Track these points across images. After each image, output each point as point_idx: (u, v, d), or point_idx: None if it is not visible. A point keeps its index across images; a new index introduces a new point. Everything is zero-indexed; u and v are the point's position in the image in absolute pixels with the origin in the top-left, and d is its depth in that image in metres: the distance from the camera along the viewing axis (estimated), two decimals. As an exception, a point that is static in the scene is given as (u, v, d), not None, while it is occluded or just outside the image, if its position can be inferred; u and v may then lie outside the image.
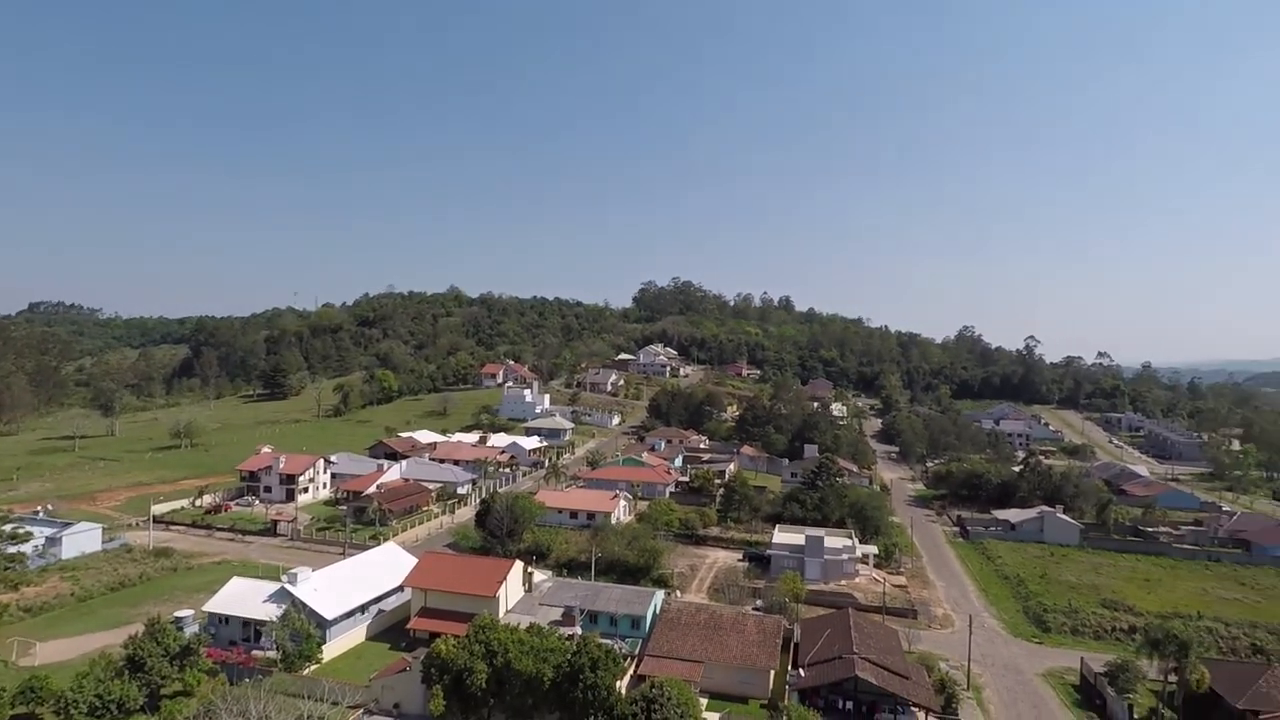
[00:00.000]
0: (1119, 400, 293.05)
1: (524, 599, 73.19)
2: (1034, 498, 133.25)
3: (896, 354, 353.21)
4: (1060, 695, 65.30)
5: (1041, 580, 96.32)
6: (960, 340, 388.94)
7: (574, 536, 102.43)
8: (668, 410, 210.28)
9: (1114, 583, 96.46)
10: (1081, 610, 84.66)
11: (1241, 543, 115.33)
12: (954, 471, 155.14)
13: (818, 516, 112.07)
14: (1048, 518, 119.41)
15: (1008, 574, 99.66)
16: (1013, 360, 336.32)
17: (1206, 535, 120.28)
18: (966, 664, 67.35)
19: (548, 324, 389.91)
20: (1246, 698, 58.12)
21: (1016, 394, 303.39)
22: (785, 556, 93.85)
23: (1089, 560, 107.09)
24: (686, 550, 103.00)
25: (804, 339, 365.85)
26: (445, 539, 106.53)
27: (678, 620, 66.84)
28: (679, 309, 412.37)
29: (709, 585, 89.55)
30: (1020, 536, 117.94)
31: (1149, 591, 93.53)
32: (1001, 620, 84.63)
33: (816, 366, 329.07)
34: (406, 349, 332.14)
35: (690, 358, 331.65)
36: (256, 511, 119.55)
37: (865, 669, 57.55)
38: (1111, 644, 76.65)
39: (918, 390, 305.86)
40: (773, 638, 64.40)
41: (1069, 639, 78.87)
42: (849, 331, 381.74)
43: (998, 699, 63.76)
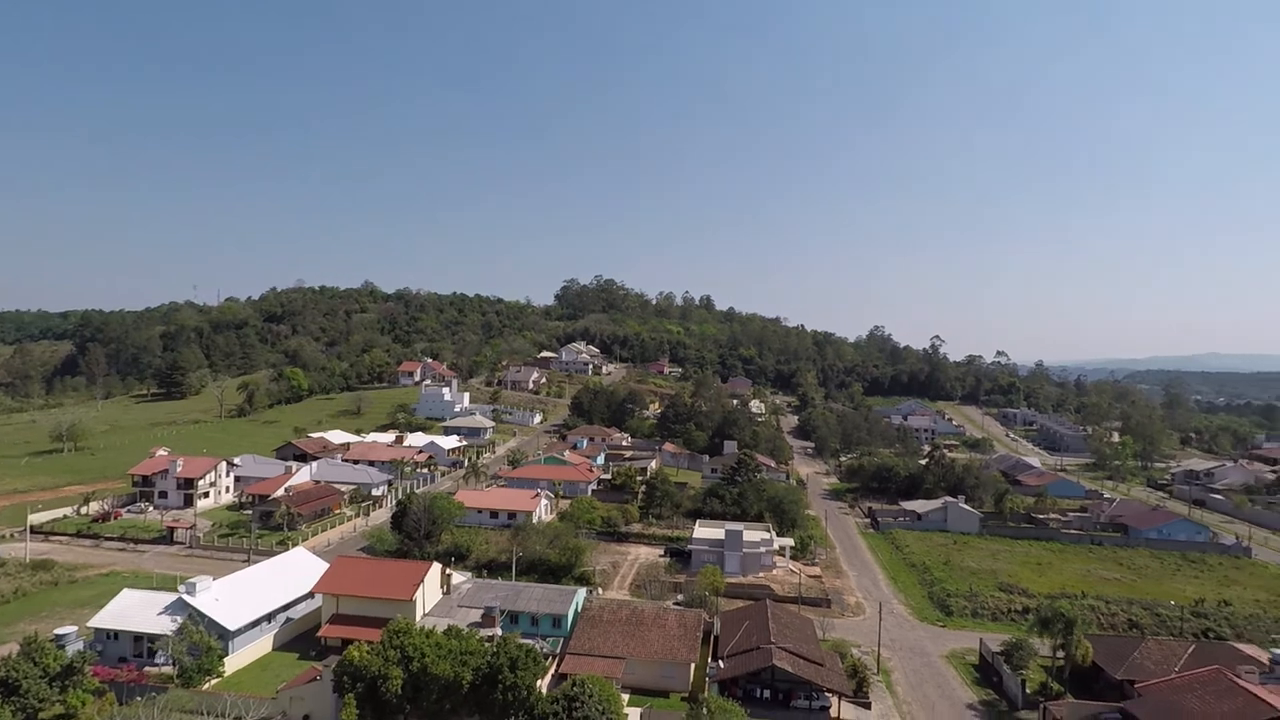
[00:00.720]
0: (1015, 397, 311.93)
1: (442, 601, 71.49)
2: (939, 489, 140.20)
3: (812, 353, 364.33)
4: (961, 674, 68.99)
5: (945, 567, 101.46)
6: (871, 340, 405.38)
7: (494, 536, 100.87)
8: (590, 408, 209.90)
9: (1010, 567, 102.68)
10: (981, 594, 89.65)
11: (1120, 527, 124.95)
12: (865, 465, 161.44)
13: (737, 511, 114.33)
14: (951, 508, 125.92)
15: (914, 562, 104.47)
16: (920, 359, 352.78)
17: (1090, 521, 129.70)
18: (876, 649, 70.23)
19: (468, 321, 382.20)
20: (1124, 668, 63.03)
21: (923, 391, 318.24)
22: (706, 551, 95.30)
23: (988, 547, 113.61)
24: (609, 548, 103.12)
25: (724, 338, 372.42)
26: (359, 542, 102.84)
27: (599, 617, 66.82)
28: (601, 307, 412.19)
29: (631, 582, 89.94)
30: (926, 526, 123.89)
31: (1040, 574, 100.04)
32: (909, 606, 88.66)
33: (736, 365, 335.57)
34: (318, 346, 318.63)
35: (613, 356, 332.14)
36: (150, 519, 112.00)
37: (782, 658, 59.11)
38: (1008, 624, 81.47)
39: (832, 387, 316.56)
40: (693, 631, 65.27)
41: (970, 621, 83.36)
42: (767, 331, 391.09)
43: (905, 681, 66.75)
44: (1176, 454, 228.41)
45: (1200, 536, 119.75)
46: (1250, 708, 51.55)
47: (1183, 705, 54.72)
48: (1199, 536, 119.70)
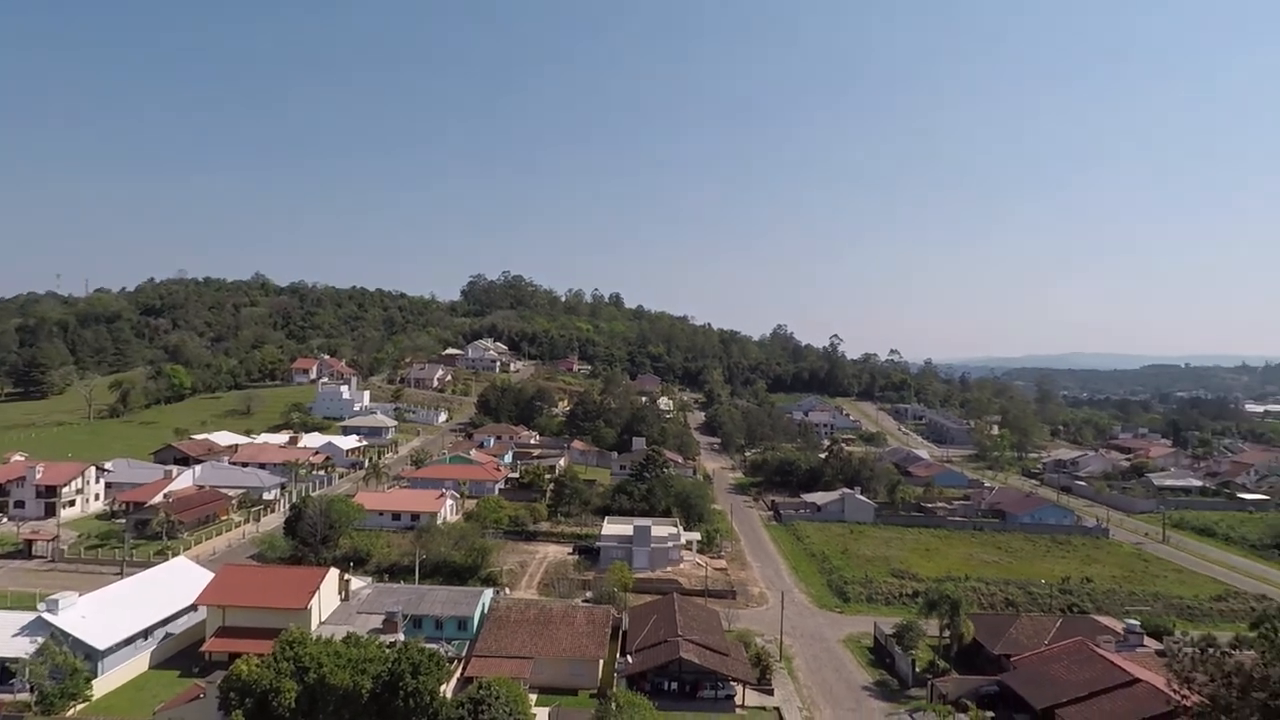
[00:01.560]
0: (906, 393, 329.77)
1: (340, 608, 68.49)
2: (837, 481, 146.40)
3: (719, 350, 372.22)
4: (857, 657, 72.36)
5: (843, 556, 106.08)
6: (775, 338, 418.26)
7: (397, 539, 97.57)
8: (497, 406, 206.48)
9: (901, 554, 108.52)
10: (875, 580, 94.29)
11: (998, 513, 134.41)
12: (769, 460, 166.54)
13: (645, 507, 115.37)
14: (848, 499, 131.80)
15: (814, 552, 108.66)
16: (820, 357, 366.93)
17: (972, 508, 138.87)
18: (779, 637, 72.59)
19: (368, 316, 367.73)
20: (1001, 643, 67.85)
21: (823, 388, 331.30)
22: (614, 547, 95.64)
23: (882, 535, 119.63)
24: (517, 547, 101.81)
25: (633, 335, 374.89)
26: (250, 550, 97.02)
27: (507, 618, 65.86)
28: (510, 304, 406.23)
29: (539, 580, 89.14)
30: (825, 517, 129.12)
31: (929, 559, 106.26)
32: (809, 594, 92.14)
33: (645, 362, 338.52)
34: (202, 342, 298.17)
35: (521, 353, 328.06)
36: (4, 530, 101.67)
37: (689, 650, 60.14)
38: (899, 608, 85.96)
39: (737, 384, 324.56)
40: (602, 628, 65.39)
41: (865, 606, 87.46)
42: (675, 329, 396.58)
43: (805, 666, 69.36)
44: (1047, 445, 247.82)
45: (1067, 520, 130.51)
46: (1107, 673, 56.73)
47: (1051, 674, 59.51)
48: (1066, 520, 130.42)
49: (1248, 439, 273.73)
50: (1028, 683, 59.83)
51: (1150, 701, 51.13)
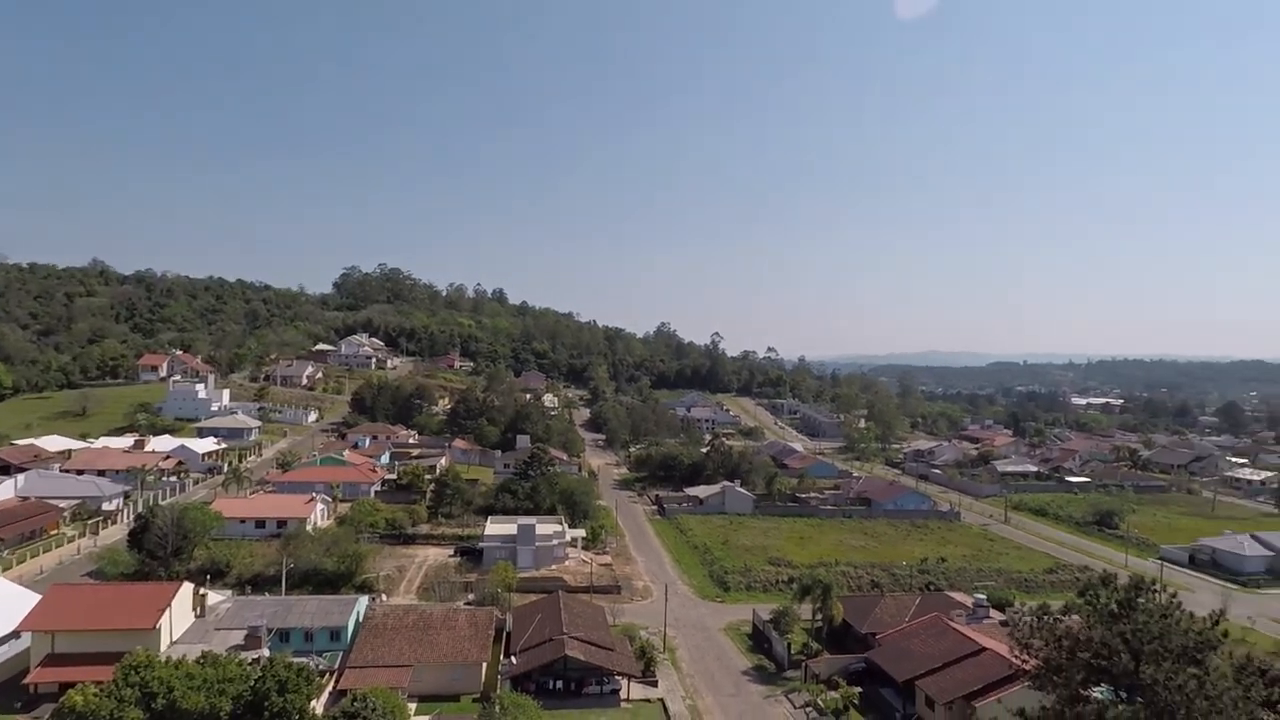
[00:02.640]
0: (782, 389, 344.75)
1: (195, 626, 63.03)
2: (718, 475, 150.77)
3: (604, 347, 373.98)
4: (737, 644, 74.85)
5: (724, 546, 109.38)
6: (659, 335, 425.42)
7: (261, 548, 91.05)
8: (373, 405, 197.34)
9: (778, 543, 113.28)
10: (754, 569, 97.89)
11: (865, 501, 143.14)
12: (653, 455, 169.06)
13: (530, 505, 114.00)
14: (728, 491, 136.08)
15: (697, 544, 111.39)
16: (702, 354, 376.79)
17: (842, 497, 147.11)
18: (663, 629, 73.83)
19: (228, 309, 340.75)
20: (868, 623, 72.30)
21: (705, 384, 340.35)
22: (498, 547, 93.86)
23: (760, 525, 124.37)
24: (395, 551, 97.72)
25: (517, 332, 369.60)
26: (86, 566, 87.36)
27: (383, 626, 63.03)
28: (386, 297, 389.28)
29: (419, 585, 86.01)
30: (707, 509, 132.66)
31: (803, 547, 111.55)
32: (692, 586, 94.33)
33: (529, 359, 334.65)
34: (27, 335, 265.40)
35: (399, 349, 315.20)
36: None
37: (574, 648, 59.96)
38: (777, 594, 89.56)
39: (622, 381, 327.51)
40: (485, 630, 63.96)
41: (745, 595, 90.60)
42: (560, 325, 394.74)
43: (688, 656, 70.96)
44: (908, 436, 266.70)
45: (925, 505, 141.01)
46: (959, 645, 61.72)
47: (911, 648, 64.04)
48: (924, 505, 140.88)
49: (1074, 428, 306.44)
50: (891, 658, 64.11)
51: (995, 667, 56.09)
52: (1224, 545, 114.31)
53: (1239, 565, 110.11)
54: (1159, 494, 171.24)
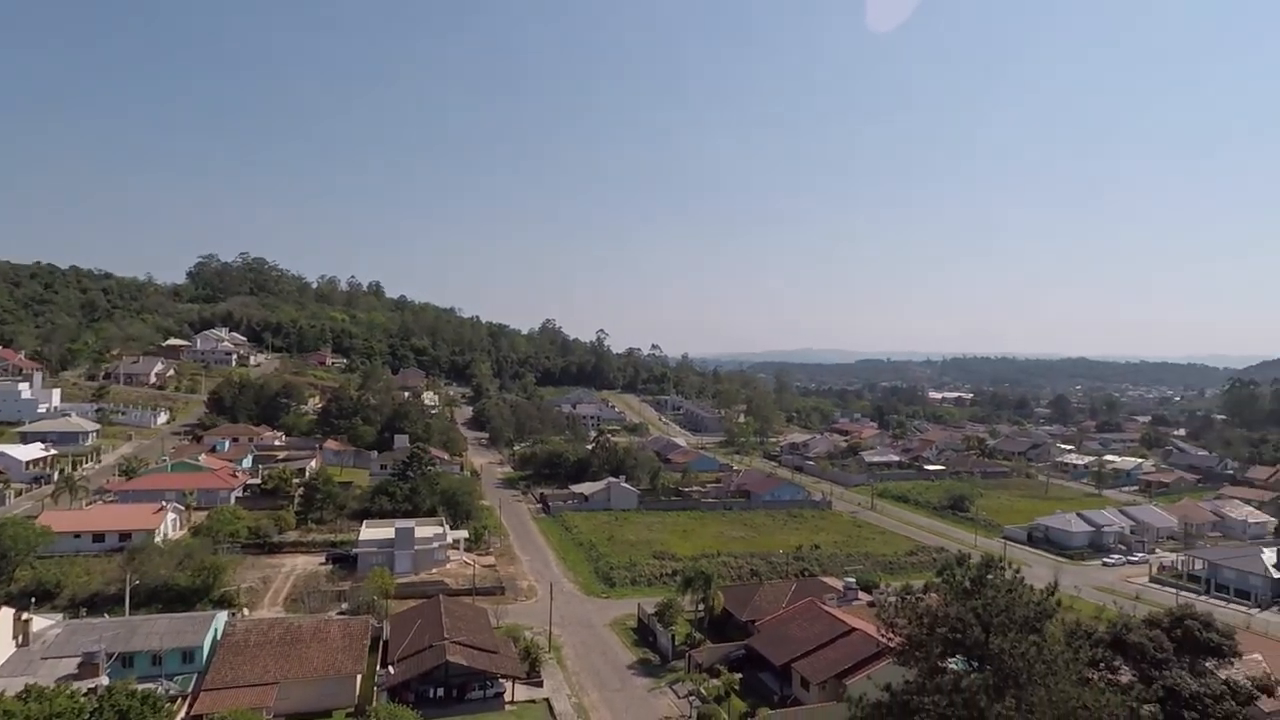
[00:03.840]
0: (666, 385, 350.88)
1: (16, 656, 55.91)
2: (603, 471, 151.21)
3: (487, 344, 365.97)
4: (623, 639, 75.34)
5: (609, 542, 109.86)
6: (544, 332, 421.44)
7: (100, 564, 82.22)
8: (234, 404, 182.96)
9: (663, 536, 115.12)
10: (639, 563, 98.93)
11: (745, 493, 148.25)
12: (538, 453, 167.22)
13: (409, 508, 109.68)
14: (613, 487, 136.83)
15: (582, 541, 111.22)
16: (587, 351, 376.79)
17: (723, 490, 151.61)
18: (548, 628, 73.14)
19: (59, 299, 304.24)
20: (748, 611, 74.85)
21: (590, 381, 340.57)
22: (374, 552, 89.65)
23: (644, 520, 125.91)
24: (258, 561, 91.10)
25: (395, 327, 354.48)
26: (-127, 595, 75.43)
27: (245, 642, 58.54)
28: (249, 289, 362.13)
29: (286, 596, 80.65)
30: (592, 506, 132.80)
31: (686, 540, 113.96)
32: (577, 583, 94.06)
33: (408, 355, 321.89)
34: None
35: (263, 345, 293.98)
36: None
37: (455, 653, 58.17)
38: (661, 588, 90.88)
39: (506, 378, 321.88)
40: (359, 640, 60.83)
41: (630, 589, 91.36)
42: (441, 321, 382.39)
43: (574, 653, 70.67)
44: (784, 430, 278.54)
45: (799, 496, 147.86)
46: (831, 627, 65.09)
47: (787, 633, 66.87)
48: (798, 496, 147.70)
49: (931, 421, 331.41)
50: (769, 643, 66.67)
51: (864, 646, 59.57)
52: (1055, 523, 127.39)
53: (1067, 541, 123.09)
54: (1003, 479, 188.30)
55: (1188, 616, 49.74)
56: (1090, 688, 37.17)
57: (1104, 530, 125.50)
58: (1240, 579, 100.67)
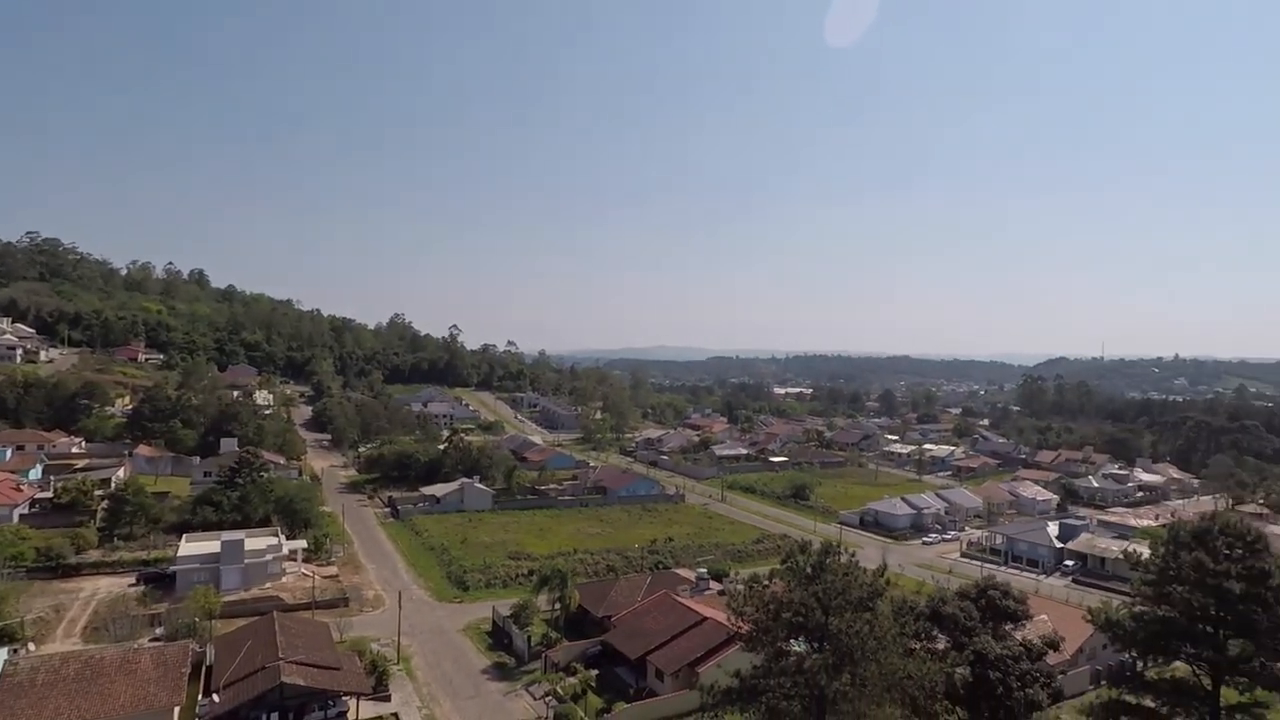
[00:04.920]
0: (522, 382, 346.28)
1: None
2: (456, 472, 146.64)
3: (329, 339, 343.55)
4: (477, 643, 73.33)
5: (462, 545, 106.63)
6: (392, 327, 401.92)
7: None
8: (19, 406, 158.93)
9: (518, 536, 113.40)
10: (494, 565, 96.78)
11: (601, 489, 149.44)
12: (386, 454, 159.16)
13: (238, 518, 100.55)
14: (467, 488, 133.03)
15: (434, 545, 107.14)
16: (439, 347, 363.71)
17: (580, 487, 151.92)
18: (397, 638, 69.71)
19: None
20: (604, 606, 75.36)
21: (442, 378, 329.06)
22: (196, 569, 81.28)
23: (500, 520, 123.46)
24: (50, 587, 79.74)
25: (223, 320, 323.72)
26: None
27: (30, 683, 50.86)
28: (39, 274, 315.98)
29: (85, 625, 71.11)
30: (445, 508, 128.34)
31: (543, 539, 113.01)
32: (429, 589, 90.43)
33: (238, 351, 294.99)
34: None
35: (58, 338, 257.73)
36: None
37: (292, 673, 53.88)
38: (517, 589, 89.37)
39: (351, 376, 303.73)
40: (177, 669, 54.73)
41: (485, 592, 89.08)
42: (277, 314, 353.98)
43: (425, 663, 67.83)
44: (639, 426, 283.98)
45: (654, 490, 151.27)
46: (684, 617, 67.05)
47: (642, 626, 68.07)
48: (653, 490, 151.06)
49: (775, 415, 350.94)
50: (625, 637, 67.54)
51: (715, 634, 61.88)
52: (883, 508, 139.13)
53: (893, 523, 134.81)
54: (839, 468, 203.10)
55: (991, 587, 55.87)
56: (914, 658, 40.78)
57: (923, 512, 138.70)
58: (1031, 550, 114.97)
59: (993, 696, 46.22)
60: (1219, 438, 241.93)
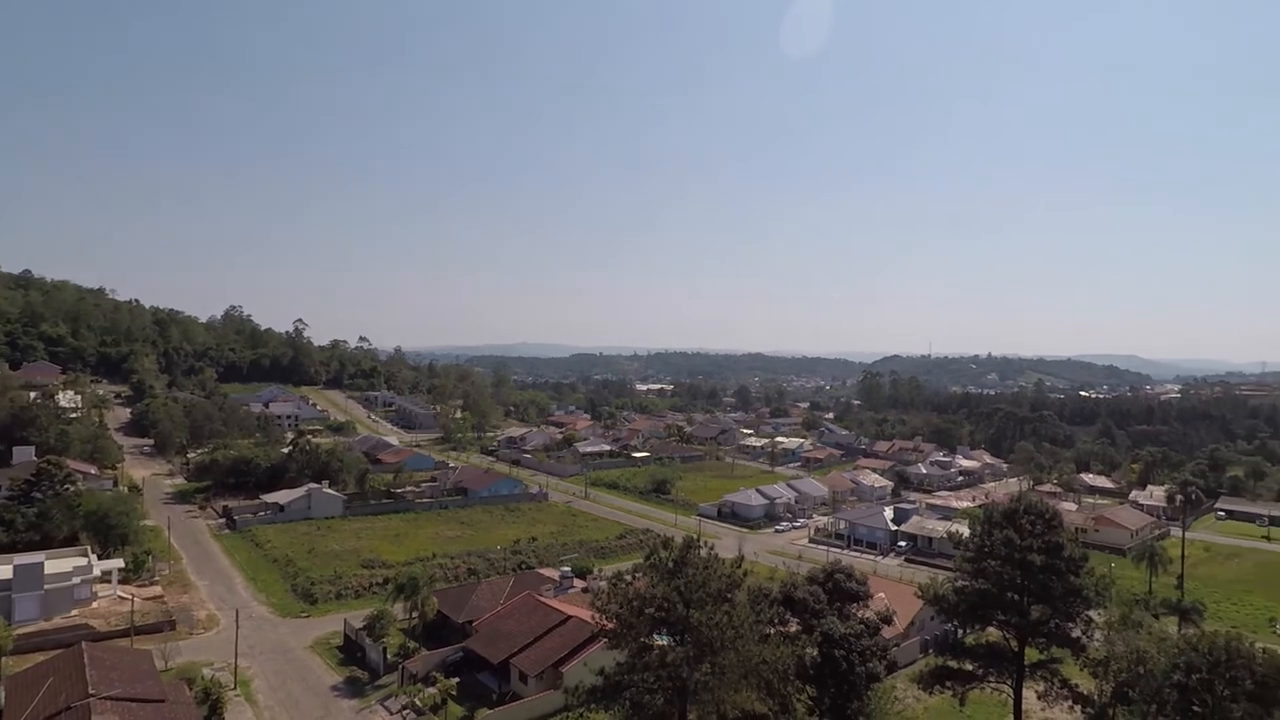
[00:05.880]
0: (376, 380, 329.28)
1: None
2: (303, 477, 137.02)
3: (152, 333, 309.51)
4: (327, 660, 68.94)
5: (310, 555, 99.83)
6: (228, 320, 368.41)
7: None
8: None
9: (372, 543, 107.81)
10: (345, 575, 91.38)
11: (462, 490, 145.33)
12: (220, 460, 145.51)
13: (36, 538, 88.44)
14: (314, 494, 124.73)
15: (277, 557, 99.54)
16: (283, 342, 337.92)
17: (439, 489, 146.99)
18: (234, 661, 64.12)
19: None
20: (465, 611, 73.40)
21: (286, 376, 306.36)
22: (-19, 599, 70.48)
23: (352, 527, 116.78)
24: None
25: (16, 310, 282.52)
26: None
27: None
28: None
29: None
30: (290, 516, 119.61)
31: (399, 545, 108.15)
32: (271, 605, 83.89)
33: (36, 346, 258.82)
34: None
35: None
36: None
37: (105, 710, 48.00)
38: (371, 599, 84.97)
39: (178, 374, 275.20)
40: (-43, 716, 47.20)
41: (335, 605, 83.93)
42: (86, 304, 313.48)
43: (266, 685, 62.87)
44: (502, 424, 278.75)
45: (517, 490, 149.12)
46: (547, 617, 66.66)
47: (505, 629, 66.97)
48: (516, 490, 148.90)
49: (638, 411, 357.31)
50: (487, 642, 66.11)
51: (580, 632, 61.96)
52: (739, 499, 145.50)
53: (748, 513, 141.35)
54: (698, 462, 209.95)
55: (836, 571, 59.95)
56: (769, 643, 42.93)
57: (776, 502, 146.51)
58: (869, 533, 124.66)
59: (838, 673, 49.61)
60: (1023, 426, 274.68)
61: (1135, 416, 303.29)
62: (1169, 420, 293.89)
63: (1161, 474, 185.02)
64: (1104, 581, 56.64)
